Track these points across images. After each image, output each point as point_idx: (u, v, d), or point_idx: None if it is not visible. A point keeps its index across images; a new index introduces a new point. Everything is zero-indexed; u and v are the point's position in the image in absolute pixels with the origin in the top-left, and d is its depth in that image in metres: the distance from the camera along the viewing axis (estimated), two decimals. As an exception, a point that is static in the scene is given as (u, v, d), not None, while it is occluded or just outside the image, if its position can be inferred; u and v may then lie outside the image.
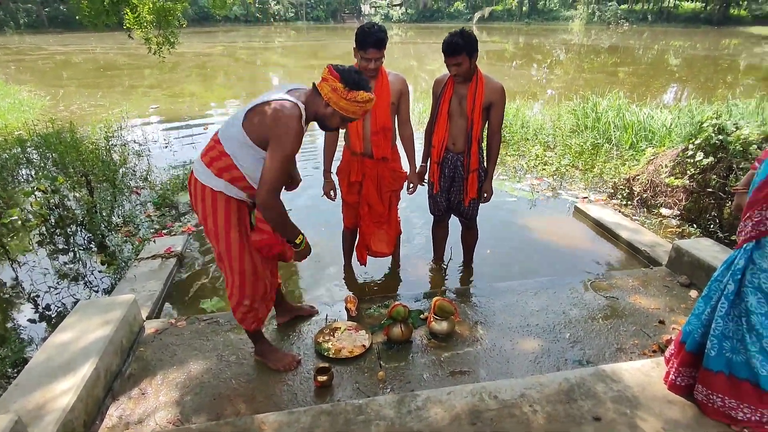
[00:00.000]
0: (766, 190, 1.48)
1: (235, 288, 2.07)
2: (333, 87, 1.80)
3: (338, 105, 1.82)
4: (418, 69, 15.58)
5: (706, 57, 18.63)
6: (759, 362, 1.60)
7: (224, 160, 1.90)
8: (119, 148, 5.85)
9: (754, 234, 1.54)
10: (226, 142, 1.89)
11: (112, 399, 2.09)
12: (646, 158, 4.54)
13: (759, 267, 1.56)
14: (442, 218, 3.17)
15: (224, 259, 2.03)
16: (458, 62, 2.52)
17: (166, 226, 4.00)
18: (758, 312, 1.58)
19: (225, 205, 1.96)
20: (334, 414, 1.82)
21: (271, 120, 1.75)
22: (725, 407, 1.73)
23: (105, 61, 17.50)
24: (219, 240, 1.99)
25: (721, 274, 1.73)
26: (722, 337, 1.69)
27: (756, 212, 1.52)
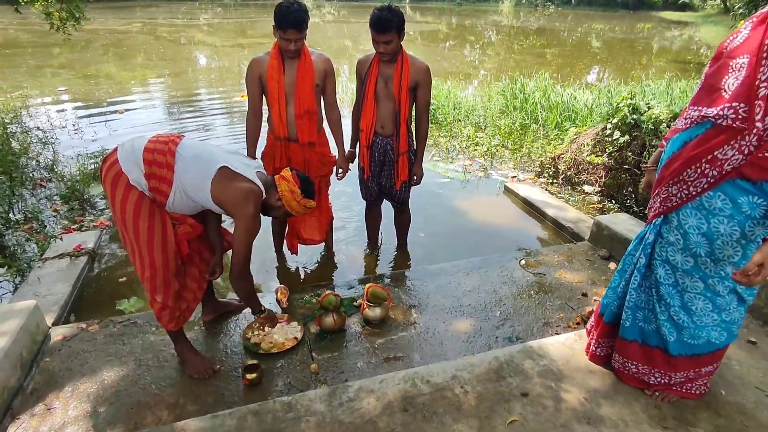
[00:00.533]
0: (672, 167, 1.54)
1: (146, 281, 1.93)
2: (291, 189, 1.98)
3: (289, 204, 2.00)
4: (353, 49, 15.29)
5: (623, 40, 19.81)
6: (667, 330, 1.70)
7: (165, 180, 1.83)
8: (20, 136, 5.25)
9: (662, 210, 1.61)
10: (183, 174, 1.83)
11: (11, 418, 1.88)
12: (570, 138, 4.73)
13: (666, 240, 1.64)
14: (375, 203, 3.12)
15: (135, 249, 1.90)
16: (388, 39, 2.44)
17: (76, 220, 3.65)
18: (666, 283, 1.68)
19: (138, 194, 1.84)
20: (262, 414, 1.74)
21: (241, 201, 1.84)
22: (639, 373, 1.83)
23: (3, 39, 15.64)
24: (127, 227, 1.86)
25: (634, 249, 1.81)
26: (635, 308, 1.78)
27: (663, 189, 1.59)
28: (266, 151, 2.73)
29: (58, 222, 3.64)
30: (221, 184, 1.84)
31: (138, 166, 1.81)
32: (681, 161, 1.50)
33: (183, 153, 1.85)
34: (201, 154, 1.88)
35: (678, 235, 1.58)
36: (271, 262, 3.21)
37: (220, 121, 6.91)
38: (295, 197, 1.98)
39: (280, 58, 2.46)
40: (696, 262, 1.58)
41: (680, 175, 1.51)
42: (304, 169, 2.69)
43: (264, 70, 2.47)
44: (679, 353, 1.72)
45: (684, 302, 1.66)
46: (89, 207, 3.93)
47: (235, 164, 1.89)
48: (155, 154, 1.83)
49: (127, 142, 1.89)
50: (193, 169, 1.84)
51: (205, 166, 1.84)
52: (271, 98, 2.51)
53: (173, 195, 1.86)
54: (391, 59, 2.57)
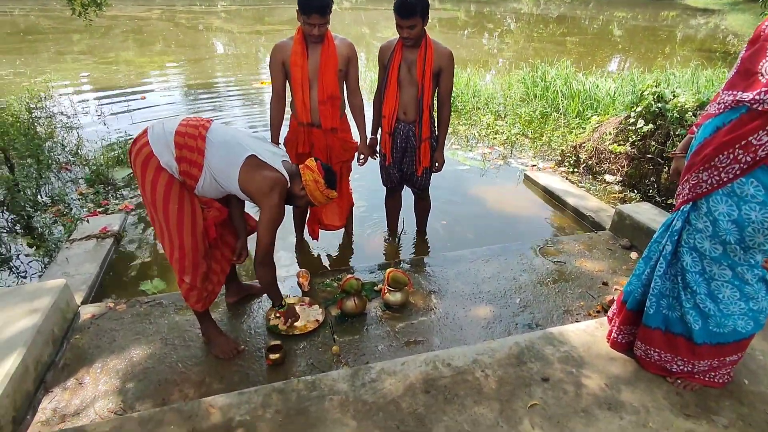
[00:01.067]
0: (703, 153, 1.52)
1: (175, 262, 1.97)
2: (315, 179, 1.99)
3: (312, 193, 2.02)
4: (370, 36, 15.19)
5: (646, 28, 19.31)
6: (692, 318, 1.68)
7: (196, 164, 1.85)
8: (44, 121, 5.36)
9: (691, 196, 1.59)
10: (212, 159, 1.85)
11: (44, 392, 1.95)
12: (592, 126, 4.66)
13: (695, 227, 1.62)
14: (395, 189, 3.13)
15: (164, 231, 1.93)
16: (412, 24, 2.42)
17: (101, 204, 3.73)
18: (692, 270, 1.66)
19: (168, 176, 1.86)
20: (286, 392, 1.78)
21: (267, 190, 1.86)
22: (661, 360, 1.82)
23: (25, 25, 15.87)
24: (157, 209, 1.89)
25: (660, 236, 1.79)
26: (660, 296, 1.77)
27: (693, 175, 1.57)
28: (289, 136, 2.75)
29: (84, 205, 3.73)
30: (248, 172, 1.86)
31: (169, 148, 1.83)
32: (713, 147, 1.48)
33: (212, 138, 1.87)
34: (229, 140, 1.89)
35: (707, 222, 1.56)
36: (293, 246, 3.25)
37: (238, 107, 6.96)
38: (318, 187, 2.00)
39: (303, 43, 2.46)
40: (725, 249, 1.56)
41: (711, 161, 1.49)
42: (326, 154, 2.70)
43: (287, 55, 2.48)
44: (703, 341, 1.70)
45: (711, 290, 1.64)
46: (113, 190, 4.01)
47: (263, 153, 1.91)
48: (186, 138, 1.84)
49: (157, 124, 1.90)
50: (221, 155, 1.86)
51: (234, 154, 1.86)
52: (295, 84, 2.52)
53: (203, 179, 1.88)
54: (415, 44, 2.55)
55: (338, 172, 2.80)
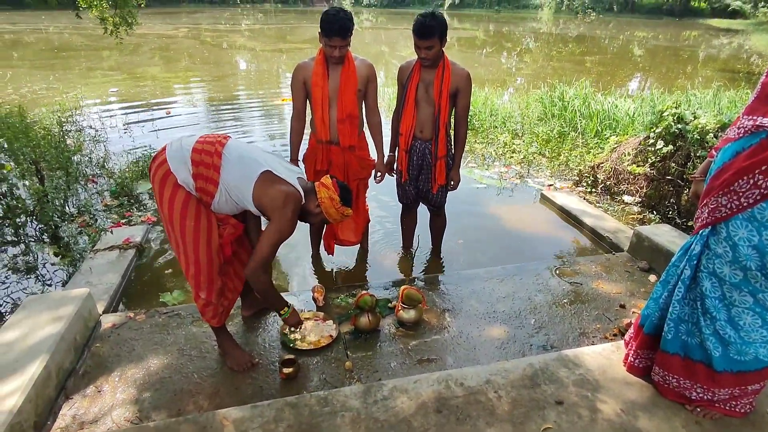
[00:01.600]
0: (722, 178, 1.51)
1: (191, 278, 2.01)
2: (331, 197, 2.00)
3: (327, 211, 2.02)
4: (389, 55, 15.43)
5: (667, 48, 19.20)
6: (712, 344, 1.65)
7: (212, 181, 1.89)
8: (74, 134, 5.56)
9: (710, 220, 1.58)
10: (227, 176, 1.89)
11: (65, 398, 2.00)
12: (610, 146, 4.64)
13: (714, 252, 1.60)
14: (411, 206, 3.15)
15: (180, 246, 1.97)
16: (430, 45, 2.47)
17: (125, 215, 3.84)
18: (712, 296, 1.63)
19: (185, 195, 1.91)
20: (299, 406, 1.79)
21: (281, 204, 1.87)
22: (680, 387, 1.79)
23: (59, 42, 16.58)
24: (174, 226, 1.94)
25: (678, 260, 1.77)
26: (678, 321, 1.74)
27: (712, 199, 1.56)
28: (307, 153, 2.81)
29: (108, 216, 3.84)
30: (263, 187, 1.88)
31: (186, 165, 1.88)
32: (732, 171, 1.47)
33: (228, 155, 1.90)
34: (245, 156, 1.93)
35: (727, 247, 1.54)
36: (308, 261, 3.29)
37: (258, 123, 7.12)
38: (334, 204, 2.00)
39: (324, 64, 2.54)
40: (745, 275, 1.54)
41: (731, 186, 1.48)
42: (344, 171, 2.75)
43: (309, 75, 2.55)
44: (723, 369, 1.67)
45: (731, 316, 1.61)
46: (137, 203, 4.12)
47: (278, 168, 1.94)
48: (202, 155, 1.89)
49: (175, 142, 1.96)
50: (237, 171, 1.89)
51: (249, 169, 1.89)
52: (315, 103, 2.58)
53: (218, 195, 1.92)
54: (433, 65, 2.60)
55: (355, 189, 2.85)
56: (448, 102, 2.65)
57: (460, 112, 2.73)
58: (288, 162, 2.12)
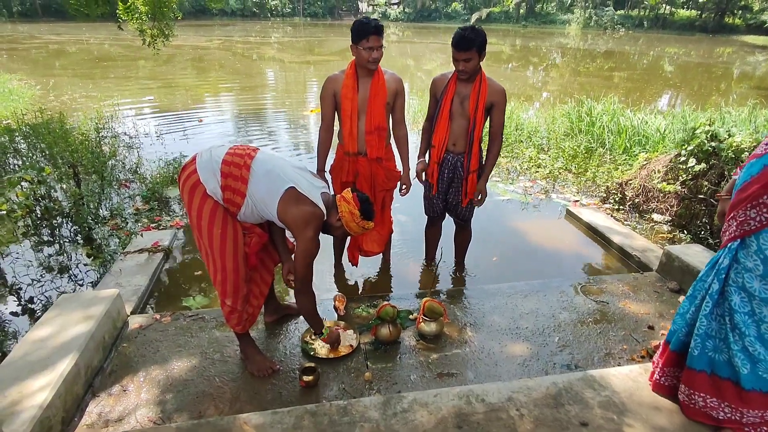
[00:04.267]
0: (750, 191, 1.50)
1: (218, 284, 2.06)
2: (351, 211, 2.03)
3: (348, 225, 2.06)
4: (414, 68, 15.55)
5: (699, 64, 18.79)
6: (740, 361, 1.60)
7: (239, 192, 1.95)
8: (110, 140, 5.77)
9: (739, 233, 1.56)
10: (254, 189, 1.94)
11: (92, 396, 2.05)
12: (639, 163, 4.54)
13: (743, 266, 1.56)
14: (437, 219, 3.15)
15: (208, 253, 2.03)
16: (468, 57, 2.49)
17: (154, 219, 3.94)
18: (741, 311, 1.58)
19: (213, 204, 1.97)
20: (319, 415, 1.79)
21: (302, 224, 1.93)
22: (707, 407, 1.72)
23: (99, 52, 17.31)
24: (202, 234, 1.99)
25: (706, 274, 1.73)
26: (705, 336, 1.69)
27: (740, 212, 1.54)
28: (334, 165, 2.84)
29: (139, 220, 3.95)
30: (287, 204, 1.93)
31: (215, 176, 1.94)
32: (761, 184, 1.47)
33: (256, 168, 1.95)
34: (272, 170, 1.96)
35: (757, 261, 1.52)
36: (331, 270, 3.31)
37: (285, 132, 7.26)
38: (354, 219, 2.03)
39: (355, 76, 2.58)
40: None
41: (759, 198, 1.48)
42: (371, 182, 2.77)
43: (339, 87, 2.59)
44: (752, 387, 1.61)
45: (761, 333, 1.57)
46: (166, 208, 4.23)
47: (303, 184, 1.97)
48: (231, 167, 1.94)
49: (205, 152, 2.01)
50: (263, 185, 1.94)
51: (275, 185, 1.93)
52: (344, 115, 2.62)
53: (245, 207, 1.97)
54: (470, 79, 2.61)
55: (380, 200, 2.86)
56: (483, 116, 2.66)
57: (494, 127, 2.72)
58: (313, 175, 2.14)
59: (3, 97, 7.69)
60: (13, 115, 6.39)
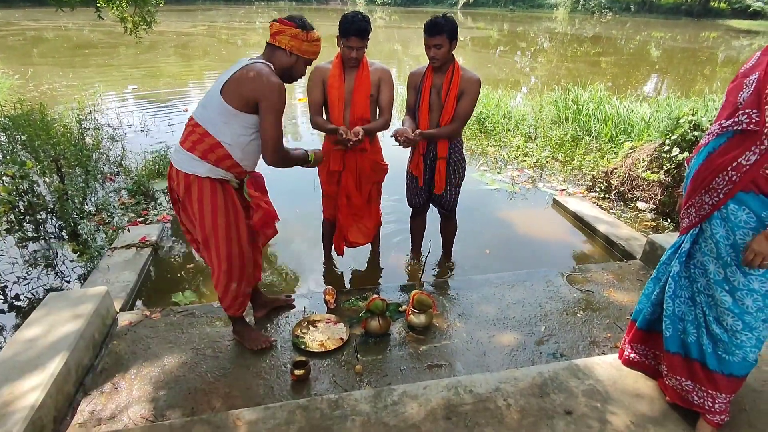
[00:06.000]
0: (701, 177, 1.59)
1: (222, 274, 2.08)
2: (292, 34, 1.91)
3: (300, 50, 1.94)
4: (402, 53, 15.42)
5: (685, 49, 18.91)
6: (705, 341, 1.67)
7: (207, 141, 1.92)
8: (93, 132, 5.66)
9: (697, 219, 1.64)
10: (206, 122, 1.92)
11: (83, 394, 2.05)
12: (624, 152, 4.60)
13: (702, 250, 1.66)
14: (420, 211, 3.17)
15: (210, 245, 2.04)
16: (438, 43, 2.50)
17: (141, 214, 3.91)
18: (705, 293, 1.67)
19: (211, 191, 1.97)
20: (310, 409, 1.82)
21: (253, 81, 1.82)
22: (683, 390, 1.77)
23: (78, 39, 16.86)
24: (205, 226, 2.00)
25: (668, 258, 1.83)
26: (675, 319, 1.77)
27: (697, 198, 1.62)
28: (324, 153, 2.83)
29: (125, 214, 3.91)
30: (226, 92, 1.86)
31: (192, 158, 1.94)
32: (710, 170, 1.57)
33: (198, 114, 1.96)
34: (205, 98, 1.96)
35: (711, 244, 1.62)
36: (320, 264, 3.32)
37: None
38: (301, 38, 1.92)
39: (341, 67, 2.59)
40: (725, 274, 1.59)
41: (710, 184, 1.57)
42: (357, 174, 2.77)
43: (326, 77, 2.60)
44: (714, 369, 1.67)
45: (718, 314, 1.65)
46: (153, 201, 4.19)
47: (226, 75, 1.91)
48: (188, 138, 1.95)
49: (173, 151, 2.04)
50: (209, 111, 1.91)
51: (212, 98, 1.91)
52: (331, 104, 2.63)
53: (232, 150, 1.93)
54: (442, 68, 2.61)
55: (367, 192, 2.88)
56: (453, 105, 2.66)
57: (457, 111, 2.65)
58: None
59: (-20, 88, 7.47)
60: (-9, 107, 6.22)
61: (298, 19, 1.94)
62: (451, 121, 2.70)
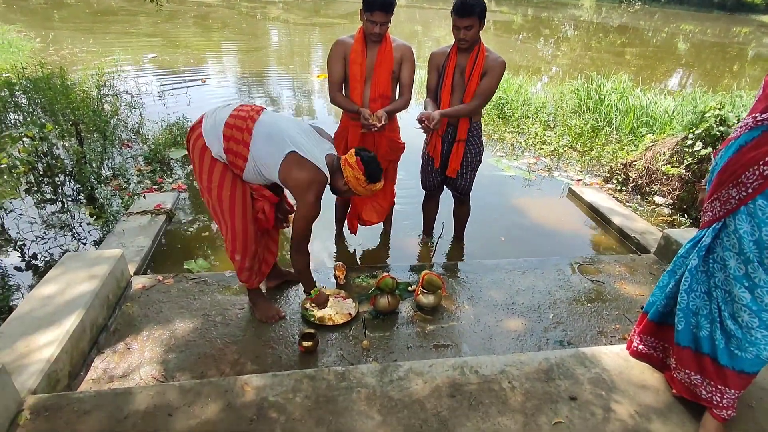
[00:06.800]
0: (730, 170, 1.55)
1: (228, 242, 2.15)
2: (356, 177, 2.03)
3: (355, 189, 2.07)
4: (422, 35, 15.18)
5: (714, 44, 18.33)
6: (718, 336, 1.66)
7: (241, 156, 1.97)
8: (111, 98, 5.70)
9: (723, 213, 1.60)
10: (256, 153, 1.96)
11: (97, 352, 2.11)
12: (645, 144, 4.51)
13: (723, 245, 1.62)
14: (434, 194, 3.15)
15: (218, 213, 2.10)
16: (469, 24, 2.44)
17: (157, 181, 3.94)
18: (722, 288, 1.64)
19: (222, 167, 2.02)
20: (317, 379, 1.85)
21: (304, 189, 1.94)
22: (691, 384, 1.77)
23: (99, 5, 16.80)
24: (212, 195, 2.06)
25: (687, 251, 1.79)
26: (688, 313, 1.75)
27: (723, 192, 1.58)
28: (339, 131, 2.82)
29: (141, 181, 3.95)
30: (289, 168, 1.94)
31: (219, 140, 1.96)
32: (740, 164, 1.52)
33: (259, 131, 1.96)
34: (274, 134, 1.96)
35: (734, 240, 1.58)
36: (332, 239, 3.34)
37: (288, 96, 7.18)
38: (360, 183, 2.05)
39: (363, 42, 2.55)
40: (746, 270, 1.56)
41: (739, 178, 1.53)
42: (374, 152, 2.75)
43: (348, 50, 2.57)
44: (725, 364, 1.66)
45: (734, 310, 1.63)
46: (168, 170, 4.22)
47: (305, 147, 1.96)
48: (234, 131, 1.95)
49: (211, 113, 2.03)
50: (265, 149, 1.95)
51: (277, 149, 1.94)
52: (352, 80, 2.60)
53: (247, 169, 2.00)
54: (468, 49, 2.56)
55: (384, 172, 2.85)
56: (476, 87, 2.61)
57: (479, 89, 2.60)
58: (320, 136, 2.13)
59: (2, 49, 7.53)
60: (13, 69, 6.27)
61: (370, 167, 2.03)
62: (472, 98, 2.65)
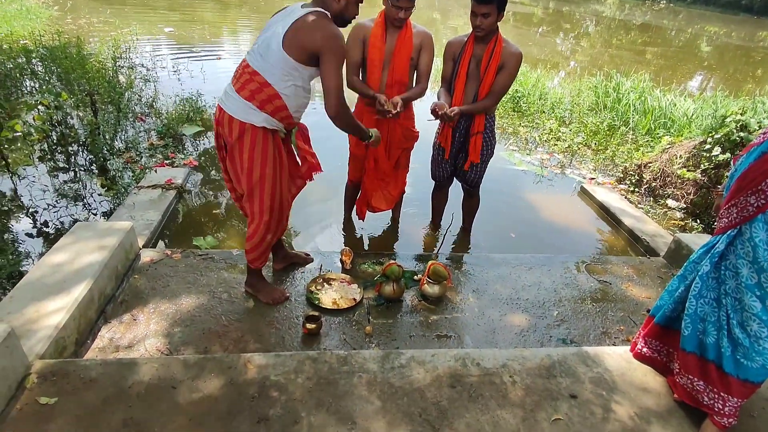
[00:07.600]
0: (750, 177, 1.53)
1: (263, 224, 2.13)
2: None
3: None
4: (440, 23, 14.97)
5: (739, 47, 17.92)
6: (725, 343, 1.65)
7: (266, 91, 1.91)
8: (126, 71, 5.69)
9: (739, 219, 1.58)
10: (266, 72, 1.90)
11: (104, 321, 2.13)
12: (662, 146, 4.45)
13: (737, 253, 1.60)
14: (444, 185, 3.13)
15: (255, 195, 2.06)
16: (486, 12, 2.39)
17: (169, 156, 3.95)
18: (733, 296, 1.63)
19: (264, 140, 1.99)
20: (320, 361, 1.86)
21: (313, 31, 1.81)
22: (693, 389, 1.76)
23: (117, -24, 16.71)
24: (253, 175, 2.02)
25: (699, 257, 1.77)
26: (696, 319, 1.73)
27: (741, 198, 1.56)
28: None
29: (153, 155, 3.96)
30: (287, 43, 1.83)
31: (248, 108, 1.93)
32: (760, 171, 1.50)
33: (253, 61, 1.92)
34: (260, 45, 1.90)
35: (748, 248, 1.56)
36: (340, 224, 3.34)
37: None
38: None
39: (384, 26, 2.52)
40: (759, 279, 1.54)
41: (759, 185, 1.50)
42: (388, 139, 2.74)
43: (368, 34, 2.54)
44: (730, 372, 1.65)
45: (742, 319, 1.61)
46: (180, 145, 4.23)
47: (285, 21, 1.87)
48: (248, 86, 1.92)
49: (223, 97, 2.00)
50: (269, 61, 1.88)
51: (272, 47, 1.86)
52: (371, 64, 2.58)
53: (288, 101, 1.94)
54: (485, 38, 2.52)
55: (396, 158, 2.84)
56: (493, 78, 2.58)
57: (495, 86, 2.59)
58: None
59: (20, 16, 7.54)
60: (30, 36, 6.28)
61: None
62: (487, 96, 2.63)
